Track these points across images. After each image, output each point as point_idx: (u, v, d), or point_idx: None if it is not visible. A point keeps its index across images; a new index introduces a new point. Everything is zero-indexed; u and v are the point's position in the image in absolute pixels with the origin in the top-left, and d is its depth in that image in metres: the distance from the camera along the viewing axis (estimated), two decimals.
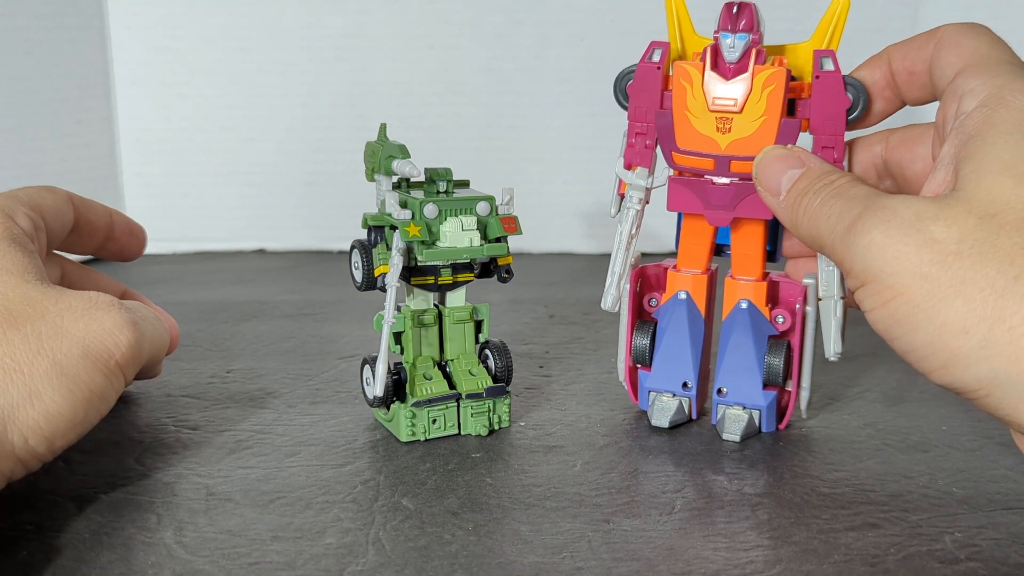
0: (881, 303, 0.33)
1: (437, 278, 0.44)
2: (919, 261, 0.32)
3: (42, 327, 0.36)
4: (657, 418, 0.44)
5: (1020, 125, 0.34)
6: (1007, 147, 0.33)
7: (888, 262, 0.33)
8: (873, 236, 0.33)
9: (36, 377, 0.35)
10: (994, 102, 0.35)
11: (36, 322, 0.36)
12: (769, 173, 0.39)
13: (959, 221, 0.32)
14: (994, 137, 0.34)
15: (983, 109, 0.35)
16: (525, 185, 0.78)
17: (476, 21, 0.78)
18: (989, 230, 0.32)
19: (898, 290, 0.33)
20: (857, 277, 0.34)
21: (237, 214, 0.82)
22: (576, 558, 0.34)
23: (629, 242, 0.42)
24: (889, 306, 0.33)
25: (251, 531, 0.36)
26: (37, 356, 0.35)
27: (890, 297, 0.33)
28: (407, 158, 0.42)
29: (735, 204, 0.42)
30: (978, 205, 0.33)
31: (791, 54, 0.42)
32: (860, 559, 0.34)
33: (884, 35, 0.75)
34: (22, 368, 0.35)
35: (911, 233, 0.33)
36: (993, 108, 0.34)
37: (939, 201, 0.33)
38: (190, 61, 0.80)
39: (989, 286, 0.31)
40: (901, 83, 0.41)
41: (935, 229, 0.32)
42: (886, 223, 0.33)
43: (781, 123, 0.40)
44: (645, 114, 0.42)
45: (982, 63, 0.36)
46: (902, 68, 0.40)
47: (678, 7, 0.43)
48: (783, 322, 0.44)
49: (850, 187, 0.36)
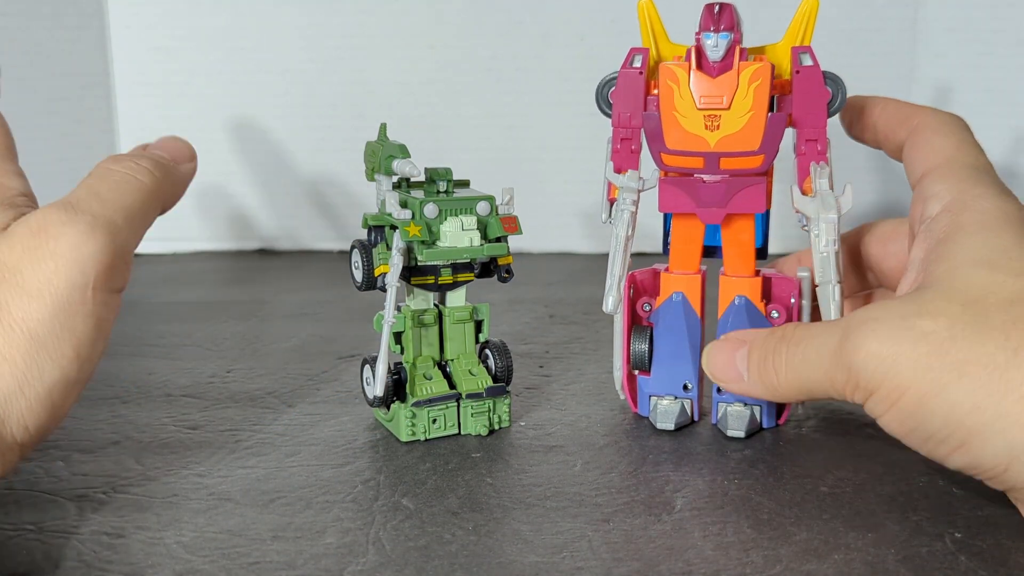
0: (891, 404, 0.34)
1: (437, 278, 0.44)
2: (917, 355, 0.33)
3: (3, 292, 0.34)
4: (662, 421, 0.44)
5: (984, 225, 0.36)
6: (975, 245, 0.35)
7: (889, 365, 0.34)
8: (868, 347, 0.34)
9: (18, 363, 0.33)
10: (958, 207, 0.37)
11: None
12: (720, 367, 0.40)
13: (944, 311, 0.34)
14: (962, 238, 0.36)
15: (948, 214, 0.37)
16: (525, 185, 0.78)
17: (476, 21, 0.78)
18: (976, 313, 0.33)
19: (904, 387, 0.33)
20: (864, 390, 0.35)
21: (237, 214, 0.82)
22: (576, 558, 0.34)
23: (626, 244, 0.43)
24: (899, 404, 0.34)
25: (251, 531, 0.36)
26: (8, 333, 0.33)
27: (898, 396, 0.34)
28: (407, 158, 0.42)
29: (727, 201, 0.42)
30: (958, 295, 0.34)
31: (768, 54, 0.43)
32: (860, 559, 0.34)
33: (884, 35, 0.76)
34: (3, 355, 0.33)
35: (901, 332, 0.34)
36: (957, 213, 0.37)
37: (918, 298, 0.35)
38: (190, 61, 0.80)
39: (991, 362, 0.32)
40: (880, 140, 0.44)
41: (923, 324, 0.33)
42: (875, 332, 0.34)
43: (768, 118, 0.41)
44: (629, 119, 0.43)
45: (946, 166, 0.39)
46: (882, 130, 0.44)
47: (651, 15, 0.43)
48: (778, 317, 0.44)
49: (802, 329, 0.37)
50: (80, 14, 0.77)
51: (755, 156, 0.41)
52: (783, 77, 0.42)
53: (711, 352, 0.41)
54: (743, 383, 0.40)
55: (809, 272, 0.42)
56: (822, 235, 0.40)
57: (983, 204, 0.37)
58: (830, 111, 0.42)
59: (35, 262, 0.34)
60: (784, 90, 0.42)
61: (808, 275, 0.43)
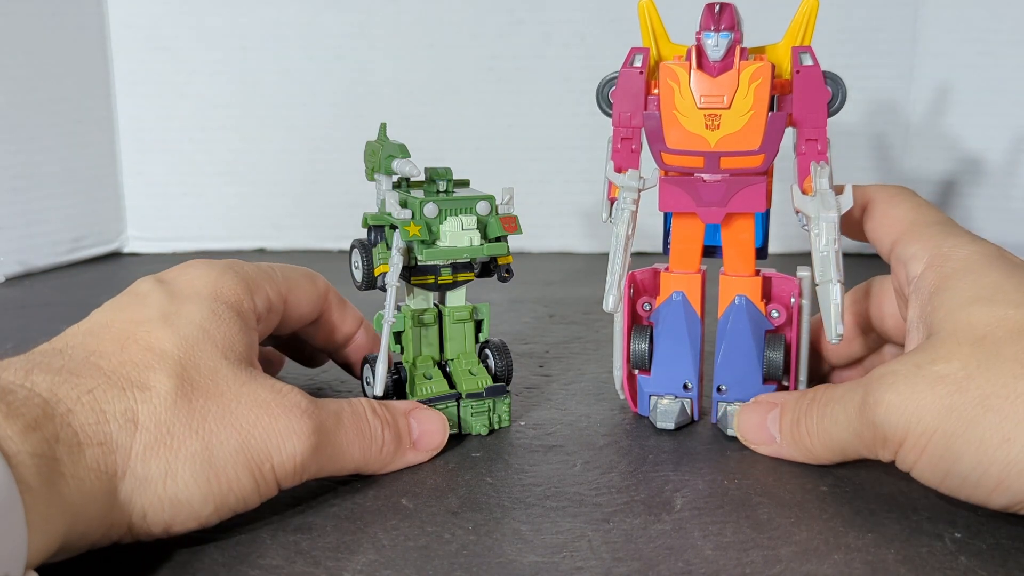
0: (921, 452, 0.34)
1: (437, 278, 0.44)
2: (937, 397, 0.34)
3: (212, 406, 0.34)
4: (662, 421, 0.44)
5: (969, 269, 0.37)
6: (966, 287, 0.37)
7: (911, 412, 0.34)
8: (888, 399, 0.35)
9: (180, 457, 0.33)
10: (939, 260, 0.38)
11: (210, 399, 0.34)
12: (752, 429, 0.42)
13: (955, 353, 0.34)
14: (952, 284, 0.37)
15: (932, 269, 0.38)
16: (525, 185, 0.78)
17: (476, 20, 0.78)
18: (986, 349, 0.34)
19: (931, 431, 0.34)
20: (892, 442, 0.35)
21: (237, 214, 0.82)
22: (576, 558, 0.34)
23: (627, 243, 0.43)
24: (928, 449, 0.34)
25: (251, 531, 0.36)
26: (194, 435, 0.33)
27: (926, 442, 0.34)
28: (407, 157, 0.42)
29: (727, 200, 0.42)
30: (964, 336, 0.35)
31: (768, 54, 0.43)
32: (860, 559, 0.34)
33: (884, 35, 0.76)
34: (175, 444, 0.33)
35: (918, 380, 0.34)
36: (940, 265, 0.38)
37: (927, 347, 0.35)
38: (190, 61, 0.80)
39: (1012, 392, 0.33)
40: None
41: (937, 368, 0.34)
42: (892, 385, 0.35)
43: (768, 117, 0.41)
44: (630, 119, 0.43)
45: (913, 229, 0.41)
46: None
47: (651, 15, 0.43)
48: (778, 316, 0.44)
49: (831, 390, 0.39)
50: (80, 14, 0.77)
51: (755, 155, 0.41)
52: (783, 77, 0.43)
53: (742, 415, 0.42)
54: (776, 445, 0.41)
55: (809, 271, 0.42)
56: (822, 234, 0.40)
57: (961, 252, 0.38)
58: (830, 111, 0.42)
59: (251, 411, 0.35)
60: (784, 90, 0.42)
61: (808, 275, 0.43)
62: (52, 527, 0.29)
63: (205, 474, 0.33)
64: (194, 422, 0.33)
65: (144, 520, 0.33)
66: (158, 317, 0.36)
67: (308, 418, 0.36)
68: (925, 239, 0.40)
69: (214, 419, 0.34)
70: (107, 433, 0.32)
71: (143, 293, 0.38)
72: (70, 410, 0.31)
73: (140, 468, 0.32)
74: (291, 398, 0.36)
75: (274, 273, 0.43)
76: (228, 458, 0.34)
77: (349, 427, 0.38)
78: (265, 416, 0.35)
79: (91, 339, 0.35)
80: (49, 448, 0.30)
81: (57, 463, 0.30)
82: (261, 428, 0.35)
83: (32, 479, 0.29)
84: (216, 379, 0.35)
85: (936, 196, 0.77)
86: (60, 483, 0.30)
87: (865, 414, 0.36)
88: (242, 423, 0.34)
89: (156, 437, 0.33)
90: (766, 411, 0.41)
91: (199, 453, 0.33)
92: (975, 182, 0.76)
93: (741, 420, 0.42)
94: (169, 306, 0.37)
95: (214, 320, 0.37)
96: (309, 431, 0.36)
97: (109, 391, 0.33)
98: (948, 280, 0.37)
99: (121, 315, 0.36)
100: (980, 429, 0.33)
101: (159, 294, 0.38)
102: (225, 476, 0.34)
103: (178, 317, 0.36)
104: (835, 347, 0.46)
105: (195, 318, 0.37)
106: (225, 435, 0.34)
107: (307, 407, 0.36)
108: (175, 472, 0.33)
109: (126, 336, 0.35)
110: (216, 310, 0.38)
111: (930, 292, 0.38)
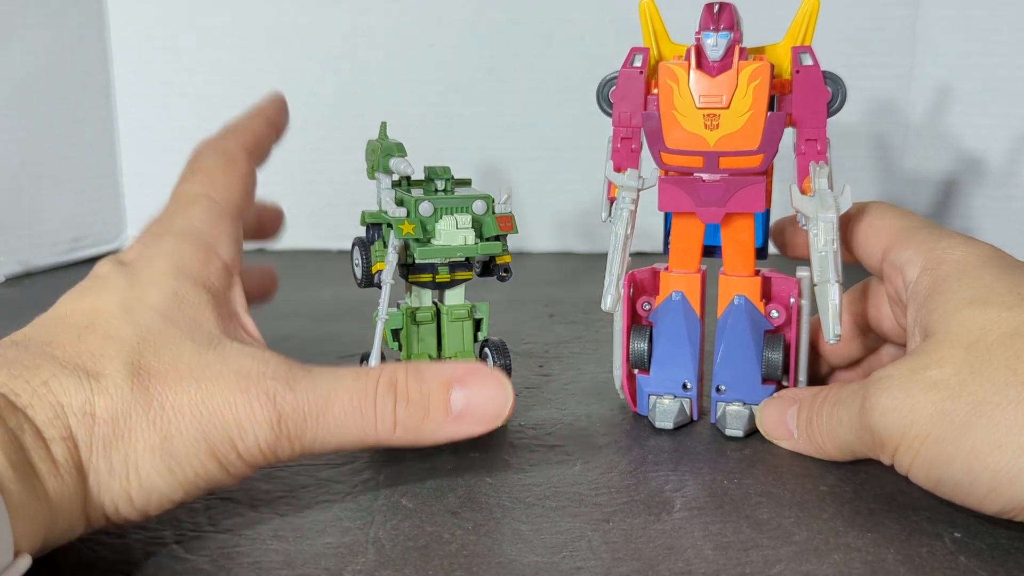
0: (915, 455, 0.35)
1: (435, 276, 0.44)
2: (930, 402, 0.34)
3: (170, 395, 0.33)
4: (661, 420, 0.44)
5: (964, 271, 0.37)
6: (961, 289, 0.37)
7: (905, 416, 0.34)
8: (883, 403, 0.35)
9: (139, 449, 0.32)
10: (933, 263, 0.38)
11: (168, 387, 0.33)
12: (772, 424, 0.42)
13: (948, 358, 0.35)
14: (947, 286, 0.37)
15: (927, 272, 0.39)
16: (525, 185, 0.78)
17: (476, 20, 0.78)
18: (979, 354, 0.34)
19: (924, 435, 0.34)
20: (888, 446, 0.35)
21: None
22: (576, 558, 0.34)
23: (625, 243, 0.43)
24: (921, 453, 0.34)
25: (251, 531, 0.36)
26: (151, 426, 0.33)
27: (919, 445, 0.34)
28: (403, 156, 0.42)
29: (726, 200, 0.42)
30: (958, 340, 0.35)
31: (768, 54, 0.43)
32: (860, 559, 0.33)
33: (884, 35, 0.76)
34: (132, 436, 0.32)
35: (912, 384, 0.35)
36: (935, 268, 0.38)
37: (922, 351, 0.36)
38: (190, 61, 0.80)
39: (1004, 399, 0.33)
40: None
41: (931, 373, 0.34)
42: (887, 388, 0.35)
43: (768, 117, 0.41)
44: (630, 119, 0.43)
45: (904, 235, 0.41)
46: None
47: (652, 15, 0.43)
48: (777, 316, 0.44)
49: (840, 390, 0.39)
50: (80, 14, 0.77)
51: (754, 155, 0.41)
52: (783, 77, 0.43)
53: (764, 409, 0.43)
54: (793, 440, 0.41)
55: (809, 272, 0.42)
56: (820, 234, 0.40)
57: (954, 254, 0.38)
58: (830, 111, 0.42)
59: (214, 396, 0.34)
60: (784, 90, 0.42)
61: (808, 275, 0.43)
62: (33, 517, 0.29)
63: (167, 464, 0.33)
64: (151, 412, 0.33)
65: (117, 511, 0.33)
66: (117, 305, 0.35)
67: (274, 405, 0.34)
68: (917, 243, 0.40)
69: (172, 409, 0.33)
70: (67, 427, 0.32)
71: (102, 277, 0.37)
72: (29, 404, 0.31)
73: (102, 463, 0.32)
74: (261, 383, 0.34)
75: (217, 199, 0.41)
76: (189, 447, 0.33)
77: (344, 405, 0.36)
78: (227, 404, 0.34)
79: (48, 328, 0.35)
80: (16, 440, 0.30)
81: (26, 452, 0.30)
82: (221, 416, 0.33)
83: (4, 470, 0.29)
84: (177, 365, 0.34)
85: (936, 196, 0.77)
86: (34, 479, 0.30)
87: (863, 419, 0.36)
88: (202, 411, 0.33)
89: (114, 430, 0.32)
90: (786, 406, 0.42)
91: (158, 445, 0.33)
92: (975, 182, 0.76)
93: (763, 415, 0.43)
94: (129, 291, 0.36)
95: (175, 302, 0.36)
96: (275, 420, 0.34)
97: (65, 381, 0.32)
98: (942, 283, 0.37)
99: (80, 304, 0.36)
100: (972, 435, 0.33)
101: (119, 277, 0.37)
102: (189, 464, 0.33)
103: (138, 304, 0.35)
104: (834, 348, 0.46)
105: (156, 303, 0.36)
106: (184, 425, 0.33)
107: (276, 391, 0.34)
108: (136, 465, 0.32)
109: (83, 326, 0.34)
110: (179, 289, 0.36)
111: (925, 295, 0.38)
